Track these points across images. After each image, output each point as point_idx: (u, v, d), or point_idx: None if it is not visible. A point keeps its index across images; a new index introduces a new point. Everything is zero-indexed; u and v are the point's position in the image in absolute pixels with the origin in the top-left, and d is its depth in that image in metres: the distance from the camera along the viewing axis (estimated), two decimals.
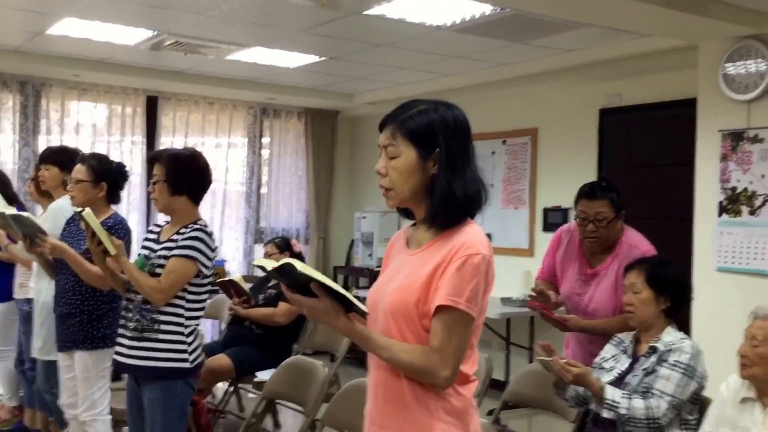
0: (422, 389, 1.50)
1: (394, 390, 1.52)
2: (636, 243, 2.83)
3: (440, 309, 1.46)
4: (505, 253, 5.91)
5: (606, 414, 2.38)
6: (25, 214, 3.11)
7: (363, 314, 1.50)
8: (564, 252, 2.98)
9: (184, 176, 2.64)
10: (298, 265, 1.41)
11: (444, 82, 5.81)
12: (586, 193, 2.83)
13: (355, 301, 1.46)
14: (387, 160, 1.53)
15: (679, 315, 2.62)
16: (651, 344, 2.50)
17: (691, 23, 3.70)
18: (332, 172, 7.36)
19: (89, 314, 3.09)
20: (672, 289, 2.55)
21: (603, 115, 5.25)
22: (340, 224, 7.45)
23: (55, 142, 5.95)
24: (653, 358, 2.47)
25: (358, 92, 6.67)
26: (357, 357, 4.65)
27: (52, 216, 3.38)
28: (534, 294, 2.83)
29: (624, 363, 2.57)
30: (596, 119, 5.28)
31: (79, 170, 3.12)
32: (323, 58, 5.34)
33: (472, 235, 1.51)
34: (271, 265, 1.46)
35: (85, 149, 4.96)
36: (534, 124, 5.78)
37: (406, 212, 1.60)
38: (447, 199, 1.50)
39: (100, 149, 6.01)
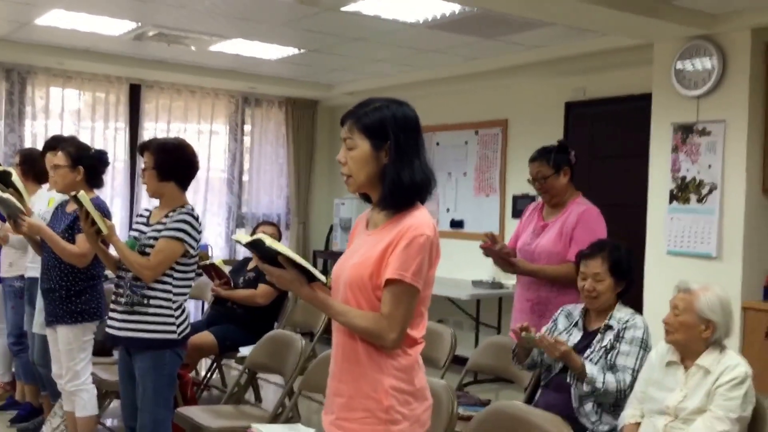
0: (374, 349, 1.74)
1: (350, 350, 1.78)
2: (582, 203, 3.29)
3: (390, 281, 1.70)
4: (477, 239, 6.12)
5: (585, 388, 2.62)
6: (5, 196, 3.31)
7: (325, 284, 1.75)
8: (527, 218, 3.48)
9: (171, 164, 2.85)
10: (267, 240, 1.67)
11: (419, 74, 6.05)
12: (530, 158, 3.37)
13: (316, 273, 1.72)
14: (346, 151, 1.77)
15: (626, 294, 2.89)
16: (606, 323, 2.76)
17: (645, 24, 3.98)
18: (312, 159, 7.58)
19: (68, 290, 3.27)
20: (628, 275, 2.81)
21: (568, 107, 5.52)
22: (319, 210, 7.68)
23: (40, 128, 6.12)
24: (610, 336, 2.72)
25: (337, 83, 6.88)
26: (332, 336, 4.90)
27: (61, 200, 3.60)
28: (487, 239, 3.32)
29: (576, 336, 2.83)
30: (562, 112, 5.55)
31: (58, 156, 3.33)
32: (303, 51, 5.54)
33: (419, 218, 1.74)
34: (245, 239, 1.72)
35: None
36: (504, 115, 6.04)
37: (366, 197, 1.84)
38: (396, 185, 1.73)
39: (84, 136, 6.16)
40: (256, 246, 1.71)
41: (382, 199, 1.76)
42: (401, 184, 1.73)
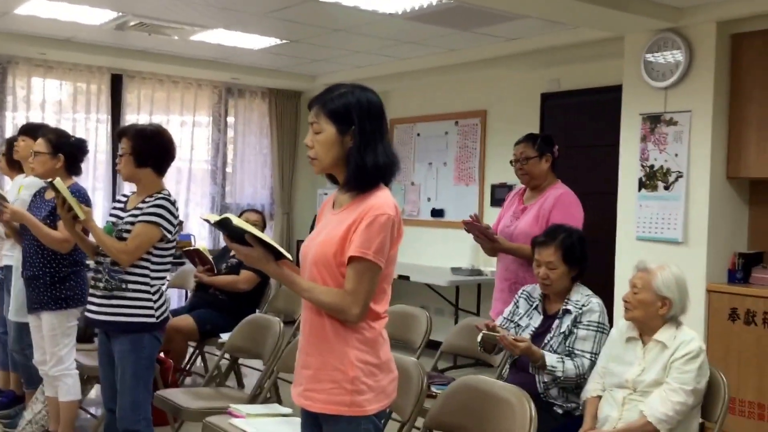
0: (340, 324, 1.83)
1: (317, 325, 1.87)
2: (560, 187, 3.43)
3: (353, 259, 1.79)
4: (456, 227, 6.26)
5: (546, 378, 2.74)
6: None
7: (291, 261, 1.84)
8: (509, 201, 3.64)
9: (148, 150, 2.88)
10: (234, 219, 1.75)
11: (399, 65, 6.13)
12: (516, 141, 3.55)
13: (282, 250, 1.81)
14: (313, 135, 1.86)
15: (582, 276, 2.99)
16: (564, 307, 2.85)
17: (615, 17, 4.08)
18: (295, 151, 7.63)
19: (52, 276, 3.32)
20: (581, 262, 2.91)
21: (544, 99, 5.64)
22: (303, 200, 7.76)
23: (21, 118, 6.13)
24: (568, 321, 2.81)
25: (320, 74, 6.94)
26: None
27: (32, 186, 3.65)
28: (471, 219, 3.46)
29: (536, 320, 2.93)
30: (538, 103, 5.67)
31: (39, 143, 3.38)
32: (284, 41, 5.60)
33: (381, 198, 1.83)
34: (213, 218, 1.80)
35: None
36: (483, 106, 6.15)
37: (332, 178, 1.93)
38: (359, 168, 1.82)
39: (66, 126, 6.17)
40: (223, 225, 1.79)
41: (347, 181, 1.85)
42: (365, 167, 1.82)
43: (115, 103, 6.64)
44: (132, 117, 6.71)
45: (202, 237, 7.16)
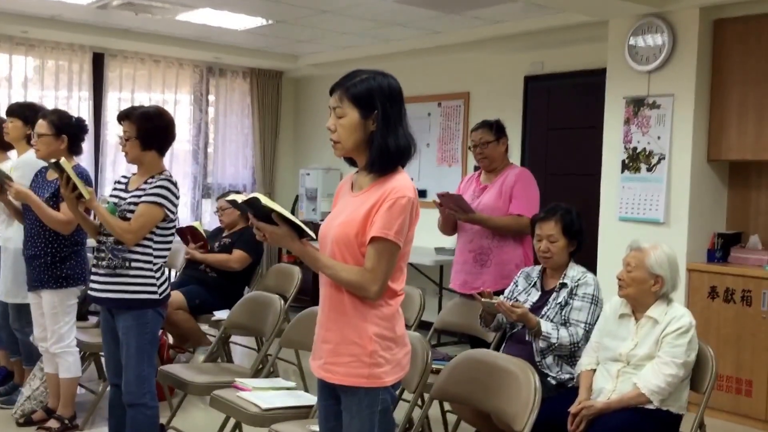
0: (359, 300, 1.92)
1: (337, 301, 1.95)
2: (516, 166, 3.76)
3: (374, 239, 1.87)
4: None
5: (541, 343, 2.86)
6: None
7: (312, 239, 1.92)
8: (465, 184, 3.91)
9: (153, 132, 2.91)
10: (262, 199, 1.82)
11: (384, 47, 6.17)
12: (473, 127, 3.82)
13: (306, 229, 1.88)
14: (335, 119, 1.92)
15: (579, 253, 3.12)
16: (561, 281, 2.98)
17: (600, 1, 4.17)
18: (277, 130, 7.65)
19: (53, 256, 3.37)
20: (579, 236, 3.04)
21: (527, 81, 5.72)
22: (285, 180, 7.78)
23: (3, 96, 6.05)
24: (564, 293, 2.95)
25: (302, 54, 6.94)
26: (302, 306, 5.06)
27: (23, 166, 3.63)
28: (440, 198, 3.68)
29: (534, 296, 3.05)
30: (521, 85, 5.75)
31: (41, 125, 3.37)
32: (270, 22, 5.60)
33: (401, 181, 1.91)
34: (241, 198, 1.87)
35: None
36: (466, 88, 6.22)
37: (351, 161, 2.00)
38: (382, 151, 1.90)
39: (48, 105, 6.11)
40: (251, 204, 1.85)
41: (370, 163, 1.93)
42: (387, 150, 1.90)
43: (97, 82, 6.58)
44: (114, 95, 6.67)
45: (183, 216, 7.14)
